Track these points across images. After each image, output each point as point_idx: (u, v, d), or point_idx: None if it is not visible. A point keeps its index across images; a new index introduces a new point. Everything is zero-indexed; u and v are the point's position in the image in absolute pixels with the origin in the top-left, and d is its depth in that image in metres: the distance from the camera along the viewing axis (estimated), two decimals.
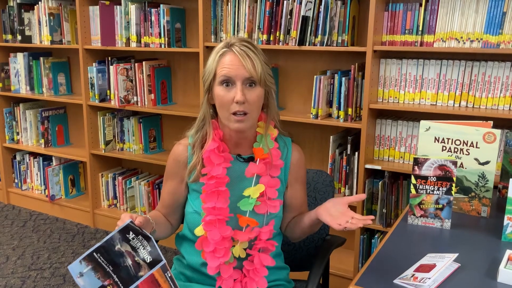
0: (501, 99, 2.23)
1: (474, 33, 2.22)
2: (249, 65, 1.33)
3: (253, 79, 1.34)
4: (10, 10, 3.57)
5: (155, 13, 2.93)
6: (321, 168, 2.75)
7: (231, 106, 1.34)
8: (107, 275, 1.21)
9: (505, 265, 1.26)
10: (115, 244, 1.22)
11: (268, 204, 1.41)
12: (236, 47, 1.35)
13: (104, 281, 1.20)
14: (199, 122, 1.45)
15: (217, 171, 1.39)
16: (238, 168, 1.45)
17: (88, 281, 1.21)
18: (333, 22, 2.45)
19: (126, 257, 1.22)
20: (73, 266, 1.22)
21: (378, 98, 2.48)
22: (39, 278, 2.77)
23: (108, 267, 1.21)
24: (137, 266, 1.21)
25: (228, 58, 1.35)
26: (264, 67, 1.37)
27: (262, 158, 1.43)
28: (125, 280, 1.20)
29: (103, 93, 3.27)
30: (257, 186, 1.42)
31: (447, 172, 1.55)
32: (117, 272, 1.21)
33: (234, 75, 1.34)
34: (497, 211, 1.71)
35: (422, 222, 1.61)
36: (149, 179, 3.33)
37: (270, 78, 1.40)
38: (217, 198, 1.39)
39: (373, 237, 2.57)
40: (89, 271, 1.21)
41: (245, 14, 2.66)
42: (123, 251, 1.22)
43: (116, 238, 1.22)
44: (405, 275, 1.26)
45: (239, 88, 1.33)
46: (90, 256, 1.22)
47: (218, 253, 1.38)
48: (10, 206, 3.90)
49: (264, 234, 1.40)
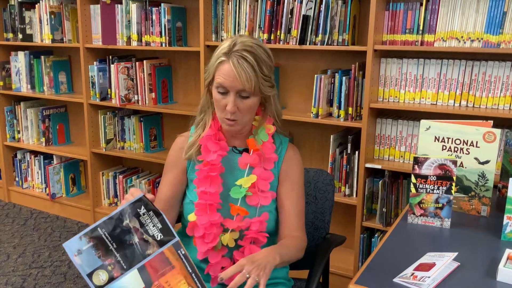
0: (501, 99, 2.23)
1: (474, 32, 2.22)
2: (243, 78, 1.34)
3: (246, 92, 1.37)
4: (11, 9, 3.58)
5: (156, 12, 2.94)
6: (321, 167, 2.76)
7: (224, 112, 1.40)
8: (109, 253, 1.10)
9: (505, 264, 1.27)
10: (123, 219, 1.12)
11: (259, 196, 1.43)
12: (234, 58, 1.34)
13: (104, 260, 1.10)
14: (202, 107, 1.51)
15: (211, 157, 1.43)
16: (232, 159, 1.49)
17: (87, 259, 1.09)
18: (333, 21, 2.45)
19: (133, 234, 1.12)
20: (71, 243, 1.10)
21: (378, 97, 2.49)
22: (39, 276, 2.78)
23: (112, 245, 1.11)
24: (145, 244, 1.12)
25: (225, 68, 1.36)
26: (259, 78, 1.36)
27: (255, 150, 1.46)
28: (129, 260, 1.11)
29: (104, 91, 3.27)
30: (249, 176, 1.45)
31: (447, 171, 1.56)
32: (120, 251, 1.11)
33: (229, 86, 1.36)
34: (497, 210, 1.72)
35: (422, 221, 1.62)
36: (150, 177, 3.34)
37: (267, 88, 1.41)
38: (209, 184, 1.42)
39: (373, 236, 2.58)
40: (89, 249, 1.10)
41: (246, 13, 2.66)
42: (131, 227, 1.12)
43: (126, 212, 1.13)
44: (405, 274, 1.27)
45: (231, 99, 1.37)
46: (94, 230, 1.11)
47: (207, 238, 1.41)
48: (11, 205, 3.91)
49: (255, 224, 1.42)
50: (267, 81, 1.40)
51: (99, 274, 1.09)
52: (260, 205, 1.44)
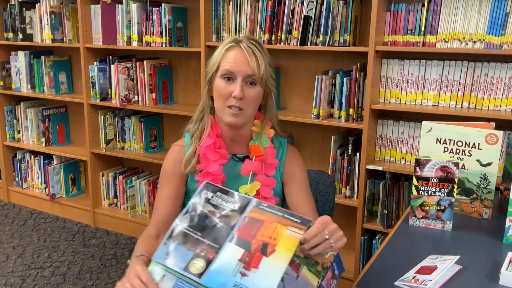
0: (503, 100, 2.22)
1: (476, 34, 2.21)
2: (253, 62, 1.35)
3: (254, 77, 1.36)
4: (12, 9, 3.57)
5: (156, 12, 2.93)
6: (322, 168, 2.75)
7: (228, 100, 1.36)
8: (197, 242, 1.08)
9: (507, 268, 1.25)
10: (197, 208, 1.13)
11: None
12: (244, 43, 1.37)
13: (195, 250, 1.06)
14: (198, 113, 1.47)
15: (213, 168, 1.40)
16: (233, 166, 1.46)
17: (178, 257, 1.06)
18: (335, 22, 2.44)
19: (211, 216, 1.11)
20: (158, 253, 1.08)
21: (379, 98, 2.48)
22: (39, 277, 2.77)
23: (196, 234, 1.09)
24: (226, 219, 1.10)
25: (234, 53, 1.37)
26: (267, 68, 1.38)
27: (257, 156, 1.44)
28: (218, 238, 1.07)
29: (104, 92, 3.26)
30: (253, 183, 1.43)
31: (449, 173, 1.55)
32: (206, 236, 1.08)
33: (237, 71, 1.35)
34: (499, 213, 1.71)
35: (423, 224, 1.61)
36: (150, 178, 3.33)
37: (271, 80, 1.41)
38: None
39: (374, 238, 2.56)
40: (176, 247, 1.08)
41: (246, 13, 2.65)
42: (207, 212, 1.12)
43: (197, 202, 1.14)
44: (406, 277, 1.25)
45: (239, 84, 1.35)
46: (172, 231, 1.10)
47: None
48: (11, 205, 3.90)
49: None
50: (271, 75, 1.41)
51: (195, 263, 1.05)
52: None
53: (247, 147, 1.47)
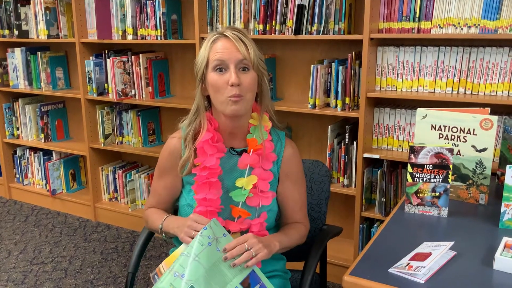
0: (500, 85, 2.20)
1: (471, 18, 2.19)
2: (242, 47, 1.35)
3: (246, 62, 1.35)
4: (6, 5, 3.56)
5: (150, 5, 2.91)
6: (320, 158, 2.75)
7: (226, 90, 1.34)
8: None
9: (501, 253, 1.25)
10: None
11: (260, 196, 1.41)
12: (228, 32, 1.37)
13: None
14: (192, 115, 1.45)
15: (210, 162, 1.39)
16: (230, 161, 1.45)
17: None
18: (329, 10, 2.42)
19: None
20: None
21: (375, 86, 2.46)
22: (41, 272, 2.78)
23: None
24: None
25: (221, 43, 1.36)
26: (256, 52, 1.38)
27: (255, 149, 1.43)
28: None
29: (101, 86, 3.26)
30: (250, 177, 1.42)
31: (444, 160, 1.54)
32: None
33: (228, 58, 1.34)
34: (496, 198, 1.70)
35: (419, 211, 1.61)
36: (149, 172, 3.33)
37: (262, 64, 1.41)
38: (209, 189, 1.39)
39: (372, 226, 2.57)
40: None
41: (240, 4, 2.64)
42: None
43: None
44: (400, 264, 1.25)
45: (233, 71, 1.33)
46: None
47: None
48: (12, 201, 3.92)
49: (255, 226, 1.40)
50: (261, 59, 1.41)
51: None
52: (260, 205, 1.42)
53: (245, 141, 1.46)
